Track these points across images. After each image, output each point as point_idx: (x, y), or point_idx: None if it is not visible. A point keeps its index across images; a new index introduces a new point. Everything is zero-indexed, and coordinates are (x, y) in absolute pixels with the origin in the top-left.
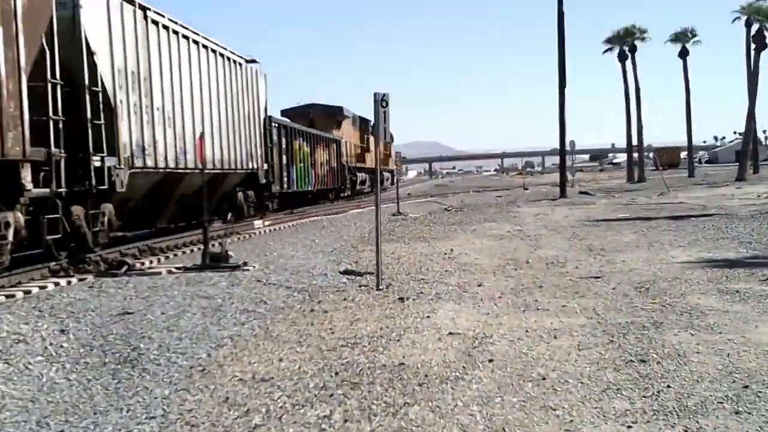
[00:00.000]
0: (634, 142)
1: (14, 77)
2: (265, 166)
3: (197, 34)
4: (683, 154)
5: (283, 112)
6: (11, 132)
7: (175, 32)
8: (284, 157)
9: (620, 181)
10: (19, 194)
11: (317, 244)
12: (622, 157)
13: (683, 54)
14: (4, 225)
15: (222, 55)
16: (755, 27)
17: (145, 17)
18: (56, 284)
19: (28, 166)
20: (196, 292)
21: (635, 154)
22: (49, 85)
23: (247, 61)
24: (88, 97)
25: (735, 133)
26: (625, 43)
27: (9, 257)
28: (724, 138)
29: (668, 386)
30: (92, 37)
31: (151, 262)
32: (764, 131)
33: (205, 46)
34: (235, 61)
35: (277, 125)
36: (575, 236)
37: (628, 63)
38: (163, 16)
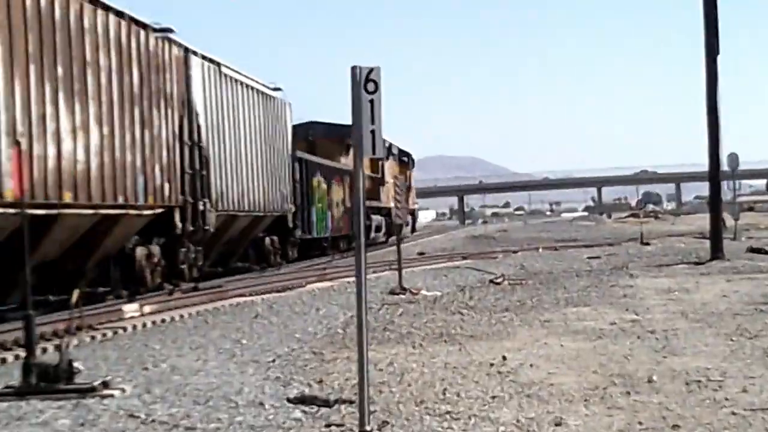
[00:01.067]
0: None
1: (175, 144)
2: (293, 208)
3: (239, 73)
4: None
5: None
6: (174, 184)
7: (234, 80)
8: (305, 197)
9: None
10: (171, 231)
11: (245, 347)
12: None
13: None
14: (156, 254)
15: (259, 91)
16: None
17: (220, 72)
18: None
19: (178, 210)
20: None
21: None
22: (185, 146)
23: (272, 89)
24: (197, 152)
25: None
26: None
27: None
28: None
29: None
30: (196, 100)
31: None
32: None
33: (248, 86)
34: (270, 96)
35: (298, 159)
36: (741, 332)
37: None
38: (223, 65)
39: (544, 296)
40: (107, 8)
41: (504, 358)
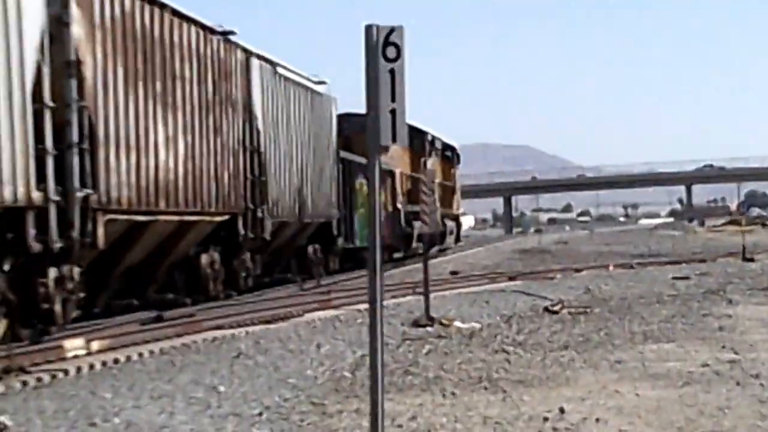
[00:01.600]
0: None
1: (239, 150)
2: (337, 214)
3: (291, 71)
4: None
5: None
6: (238, 191)
7: (287, 79)
8: (347, 202)
9: None
10: (234, 238)
11: (224, 396)
12: None
13: None
14: (217, 261)
15: (307, 89)
16: None
17: (275, 72)
18: None
19: (241, 217)
20: None
21: None
22: (247, 152)
23: (315, 83)
24: (256, 157)
25: None
26: None
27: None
28: None
29: None
30: (255, 104)
31: None
32: None
33: (299, 85)
34: (317, 93)
35: (341, 159)
36: None
37: None
38: (277, 65)
39: (615, 329)
40: (189, 20)
41: (562, 410)
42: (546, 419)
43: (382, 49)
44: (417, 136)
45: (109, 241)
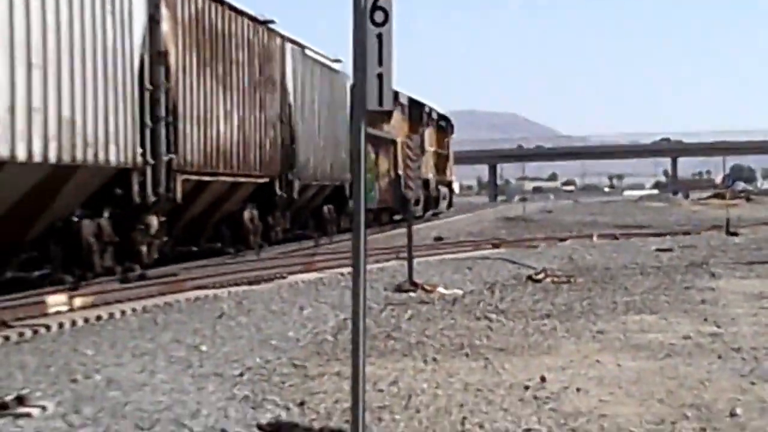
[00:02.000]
0: None
1: (277, 122)
2: (350, 179)
3: (315, 52)
4: None
5: None
6: (276, 157)
7: (312, 59)
8: None
9: None
10: (272, 198)
11: (205, 356)
12: None
13: None
14: (255, 217)
15: (327, 67)
16: None
17: (303, 54)
18: None
19: (277, 180)
20: None
21: None
22: (282, 124)
23: (332, 61)
24: (288, 129)
25: None
26: None
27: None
28: None
29: None
30: (288, 82)
31: None
32: None
33: (321, 64)
34: (334, 71)
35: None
36: None
37: None
38: (306, 47)
39: (598, 299)
40: (242, 13)
41: (543, 379)
42: (527, 387)
43: (370, 13)
44: (415, 107)
45: (182, 197)
